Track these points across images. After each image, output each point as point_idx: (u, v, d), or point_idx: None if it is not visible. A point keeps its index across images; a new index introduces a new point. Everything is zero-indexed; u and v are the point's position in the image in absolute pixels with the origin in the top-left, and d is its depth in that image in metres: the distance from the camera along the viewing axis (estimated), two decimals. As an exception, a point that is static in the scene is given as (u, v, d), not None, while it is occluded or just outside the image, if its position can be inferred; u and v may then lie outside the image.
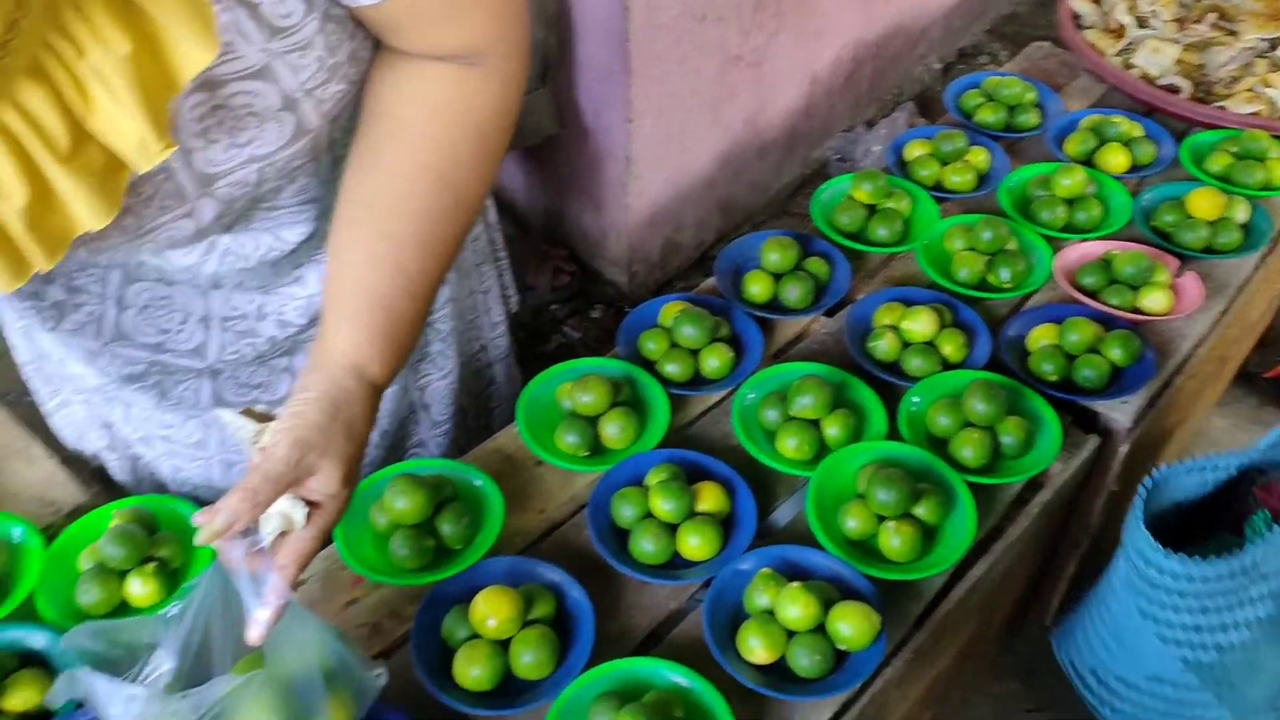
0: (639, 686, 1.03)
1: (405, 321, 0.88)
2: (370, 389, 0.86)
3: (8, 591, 1.15)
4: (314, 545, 0.84)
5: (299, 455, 0.81)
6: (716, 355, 1.39)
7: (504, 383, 1.63)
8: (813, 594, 1.06)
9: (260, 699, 0.84)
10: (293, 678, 0.86)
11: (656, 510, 1.18)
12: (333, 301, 0.87)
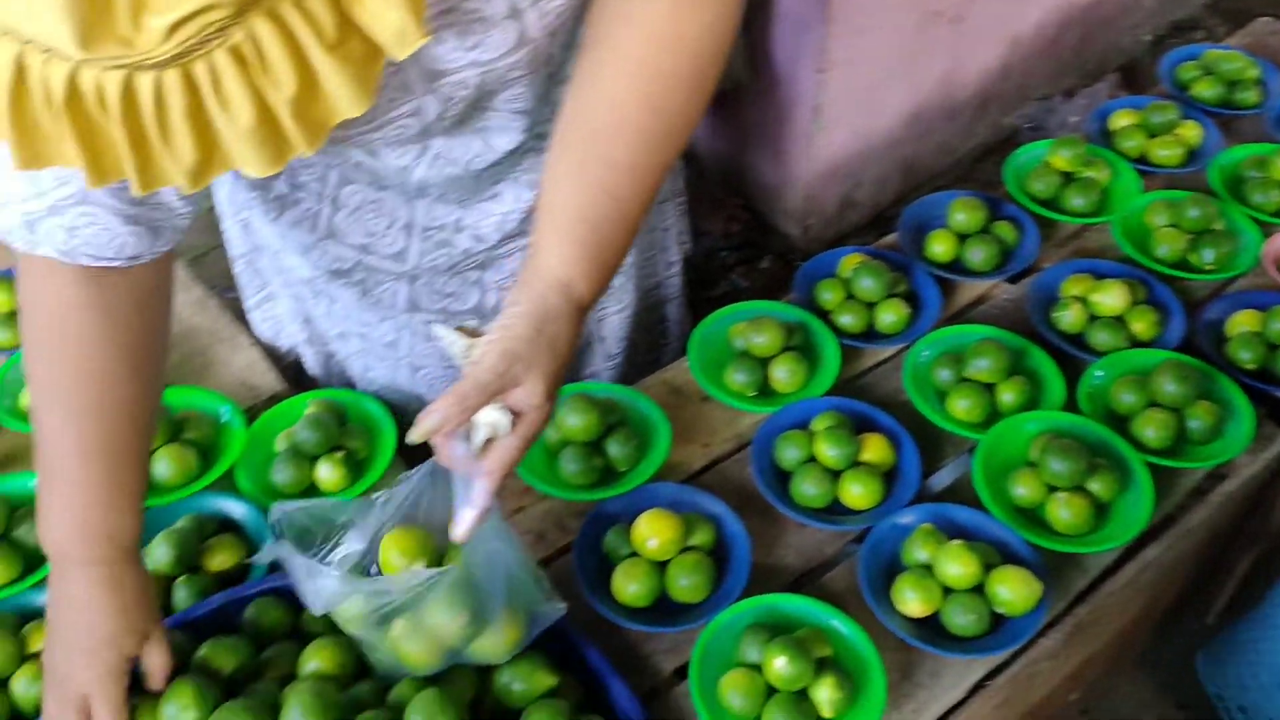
0: (789, 622, 1.05)
1: (612, 245, 0.91)
2: (576, 307, 0.89)
3: (212, 463, 1.25)
4: (517, 454, 0.87)
5: (506, 366, 0.84)
6: (893, 310, 1.38)
7: (674, 322, 1.65)
8: (974, 554, 1.05)
9: (451, 594, 0.90)
10: (479, 582, 0.91)
11: (821, 455, 1.19)
12: (545, 221, 0.91)
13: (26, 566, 1.14)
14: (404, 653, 0.93)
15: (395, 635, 0.92)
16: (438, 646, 0.92)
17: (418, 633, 0.91)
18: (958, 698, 1.04)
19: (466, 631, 0.91)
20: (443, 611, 0.90)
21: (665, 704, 1.04)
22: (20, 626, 1.08)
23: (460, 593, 0.90)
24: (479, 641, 0.93)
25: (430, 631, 0.91)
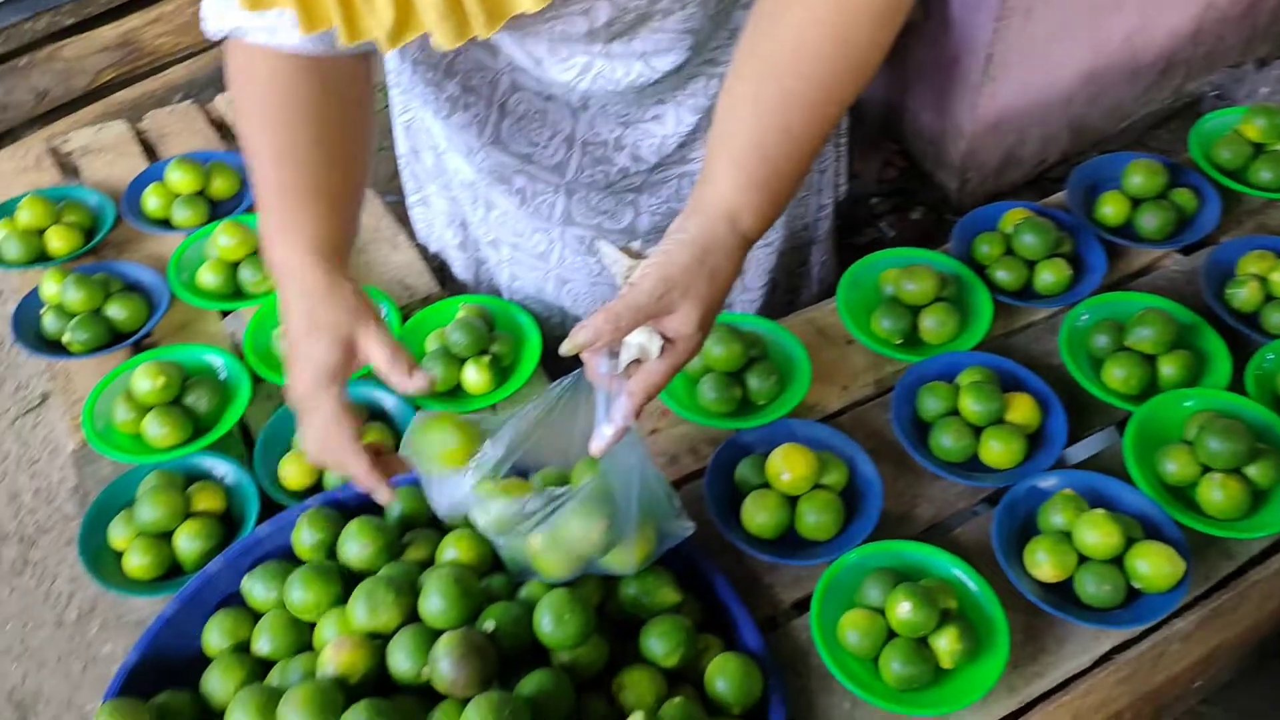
0: (915, 571, 1.05)
1: (783, 178, 0.90)
2: (741, 239, 0.89)
3: (367, 355, 1.31)
4: (663, 379, 0.88)
5: (663, 291, 0.84)
6: (1054, 270, 1.33)
7: (817, 265, 1.64)
8: (1116, 525, 1.03)
9: (588, 506, 0.92)
10: (614, 496, 0.93)
11: (964, 409, 1.17)
12: (718, 150, 0.90)
13: (195, 431, 1.22)
14: (539, 562, 0.96)
15: (532, 546, 0.95)
16: (572, 557, 0.95)
17: (554, 544, 0.94)
18: (1082, 667, 1.02)
19: (601, 543, 0.94)
20: (579, 523, 0.93)
21: (782, 634, 1.06)
22: (186, 486, 1.15)
23: (597, 505, 0.92)
24: (611, 554, 0.96)
25: (566, 542, 0.94)
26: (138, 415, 1.21)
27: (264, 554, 1.06)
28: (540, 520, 0.93)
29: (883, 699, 0.96)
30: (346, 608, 0.96)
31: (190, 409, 1.23)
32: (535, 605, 0.94)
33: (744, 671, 0.95)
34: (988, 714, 0.99)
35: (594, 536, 0.93)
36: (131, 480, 1.17)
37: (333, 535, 1.05)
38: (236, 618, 1.01)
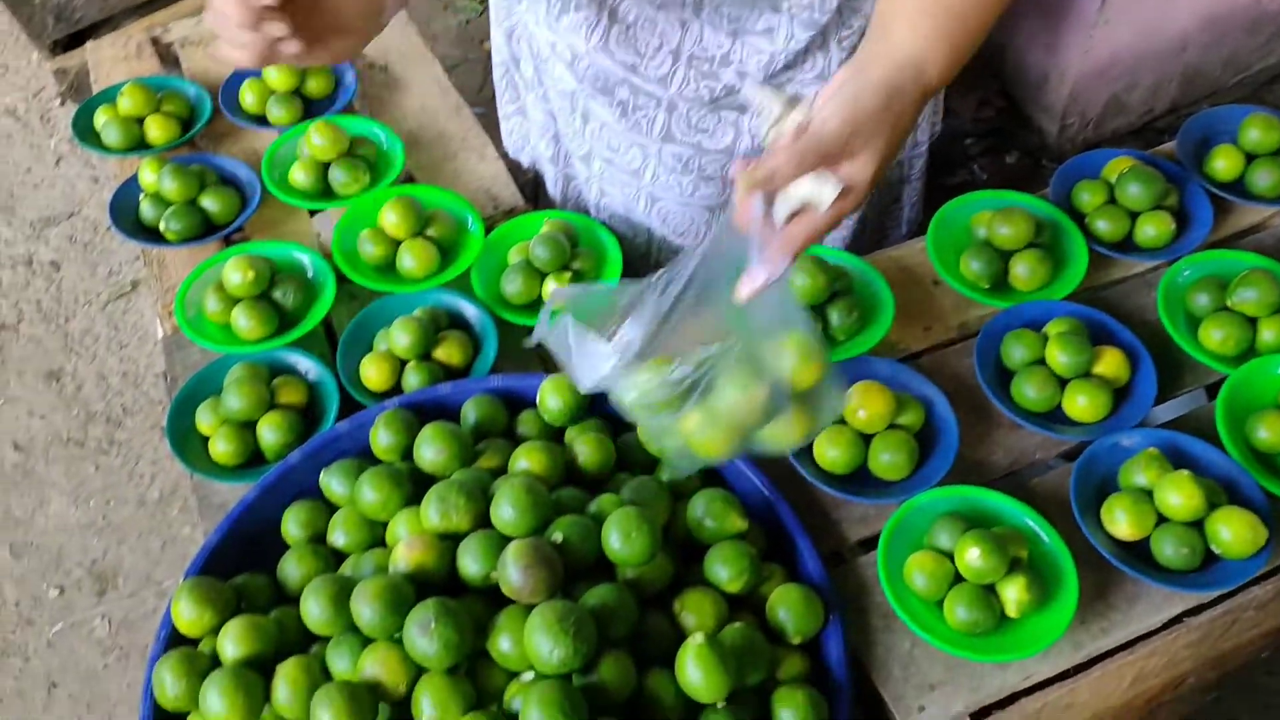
0: (986, 518, 1.04)
1: (970, 34, 0.85)
2: (923, 92, 0.85)
3: (451, 262, 1.32)
4: (825, 228, 0.83)
5: (849, 134, 0.80)
6: (1157, 223, 1.29)
7: (908, 206, 1.60)
8: (1200, 487, 1.00)
9: (742, 370, 0.87)
10: (767, 358, 0.87)
11: (1051, 359, 1.14)
12: (898, 3, 0.86)
13: (281, 326, 1.24)
14: (696, 443, 0.92)
15: (686, 426, 0.91)
16: (731, 430, 0.91)
17: (710, 418, 0.89)
18: (1151, 627, 1.01)
19: (762, 410, 0.89)
20: (736, 389, 0.88)
21: (846, 570, 1.06)
22: (271, 379, 1.18)
23: (752, 367, 0.87)
24: (771, 428, 0.92)
25: (723, 413, 0.89)
26: (227, 306, 1.23)
27: (342, 450, 1.09)
28: (691, 390, 0.88)
29: (944, 641, 0.96)
30: (420, 509, 0.98)
31: (277, 304, 1.25)
32: (604, 521, 0.95)
33: (805, 602, 0.95)
34: (1049, 666, 0.99)
35: (753, 402, 0.88)
36: (219, 369, 1.20)
37: (408, 438, 1.06)
38: (313, 509, 1.04)
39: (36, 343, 2.26)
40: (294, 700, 0.87)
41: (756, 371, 0.88)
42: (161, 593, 1.87)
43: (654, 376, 0.88)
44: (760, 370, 0.88)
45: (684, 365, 0.87)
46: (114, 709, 1.73)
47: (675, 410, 0.89)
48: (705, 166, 1.29)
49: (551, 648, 0.85)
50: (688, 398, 0.88)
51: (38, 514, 1.98)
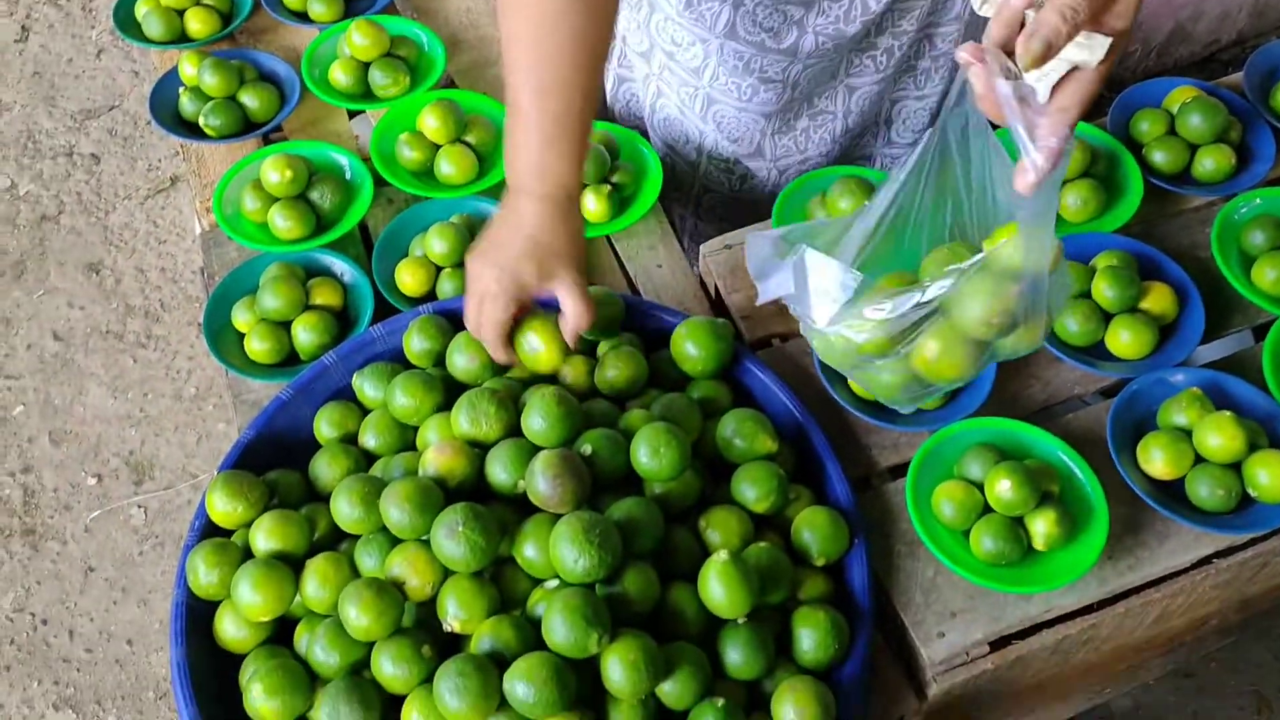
0: (1020, 450, 1.03)
1: None
2: None
3: (489, 169, 1.30)
4: (1098, 90, 0.74)
5: None
6: (1216, 156, 1.25)
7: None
8: (1241, 429, 0.99)
9: (987, 277, 0.83)
10: (1030, 254, 0.81)
11: (1097, 293, 1.12)
12: None
13: (318, 227, 1.24)
14: (935, 367, 0.89)
15: (926, 351, 0.87)
16: (978, 346, 0.87)
17: (954, 337, 0.86)
18: (1179, 567, 1.00)
19: (1015, 310, 0.83)
20: (982, 299, 0.83)
21: (874, 496, 1.05)
22: (307, 280, 1.18)
23: (996, 272, 0.82)
24: (1017, 332, 0.87)
25: (971, 328, 0.85)
26: (265, 205, 1.23)
27: (376, 354, 1.09)
28: (930, 315, 0.84)
29: (969, 571, 0.96)
30: (450, 415, 0.98)
31: (314, 205, 1.24)
32: (633, 436, 0.95)
33: (831, 525, 0.95)
34: (1072, 599, 0.99)
35: (1003, 305, 0.82)
36: (255, 268, 1.20)
37: (442, 344, 1.06)
38: (346, 411, 1.05)
39: (77, 235, 2.28)
40: (323, 594, 0.89)
41: (1003, 270, 0.82)
42: (196, 486, 1.90)
43: (896, 302, 0.84)
44: (1007, 267, 0.82)
45: (935, 283, 0.82)
46: (149, 595, 1.78)
47: (906, 342, 0.86)
48: (766, 69, 1.25)
49: (576, 557, 0.85)
50: (922, 322, 0.85)
51: (76, 403, 2.02)
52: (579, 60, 0.98)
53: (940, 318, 0.87)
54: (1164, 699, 1.59)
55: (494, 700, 0.82)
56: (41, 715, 1.65)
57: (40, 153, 2.43)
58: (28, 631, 1.74)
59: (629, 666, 0.82)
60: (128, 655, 1.71)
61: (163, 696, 1.67)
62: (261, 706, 0.85)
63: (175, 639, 0.91)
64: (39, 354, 2.08)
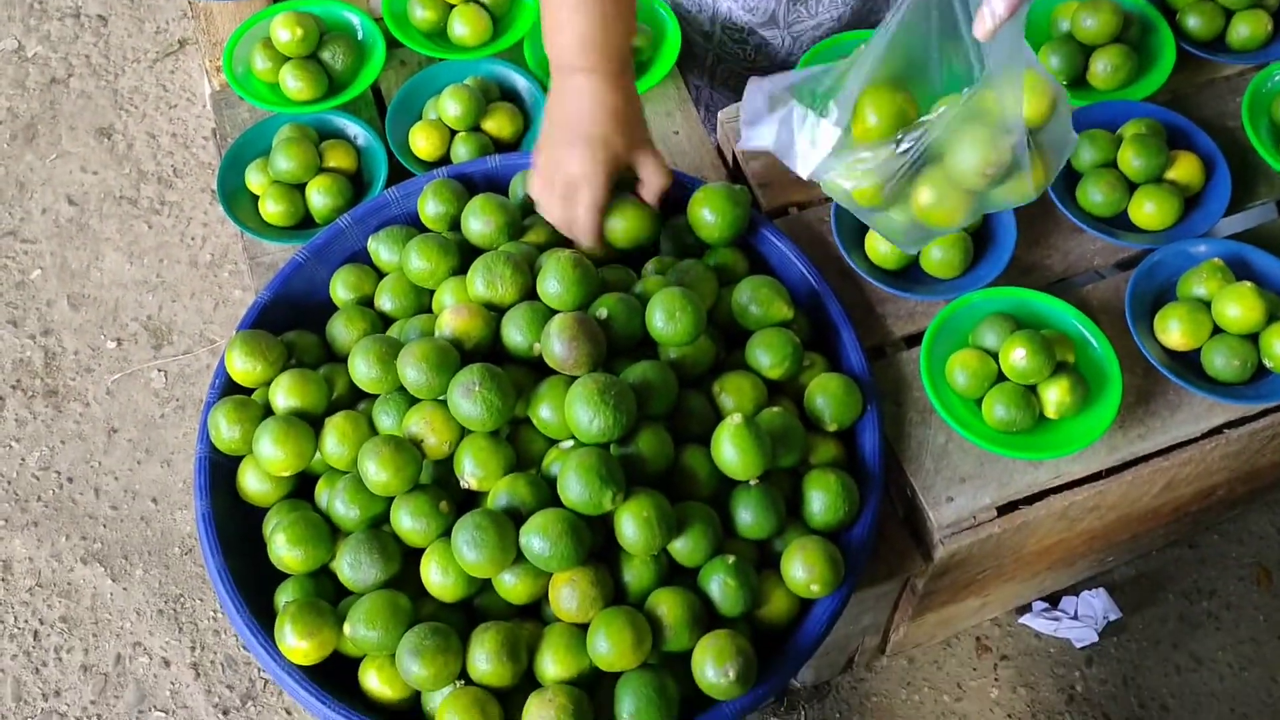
0: (1036, 320, 1.03)
1: None
2: None
3: (503, 31, 1.27)
4: None
5: None
6: (1252, 22, 1.20)
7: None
8: (1261, 300, 0.98)
9: (973, 123, 0.83)
10: (1003, 105, 0.82)
11: (1123, 162, 1.10)
12: None
13: (330, 88, 1.22)
14: (931, 213, 0.89)
15: (921, 197, 0.87)
16: (970, 194, 0.87)
17: (947, 184, 0.86)
18: (1189, 436, 1.01)
19: (1002, 162, 0.84)
20: (972, 147, 0.83)
21: (888, 364, 1.06)
22: (320, 142, 1.17)
23: (984, 120, 0.82)
24: (1008, 183, 0.87)
25: (962, 176, 0.85)
26: (276, 65, 1.21)
27: (391, 217, 1.08)
28: (919, 159, 0.84)
29: (980, 438, 0.97)
30: (466, 278, 0.98)
31: (326, 65, 1.22)
32: (649, 300, 0.95)
33: (844, 391, 0.96)
34: (1081, 467, 1.00)
35: (994, 155, 0.83)
36: (268, 129, 1.18)
37: (457, 208, 1.06)
38: (361, 274, 1.05)
39: (87, 98, 2.25)
40: (342, 450, 0.91)
41: (991, 120, 0.82)
42: (214, 350, 1.92)
43: (877, 152, 0.84)
44: (995, 118, 0.82)
45: (910, 133, 0.83)
46: (171, 456, 1.82)
47: (903, 187, 0.86)
48: None
49: (591, 417, 0.86)
50: (915, 165, 0.84)
51: (93, 268, 2.02)
52: None
53: (934, 165, 0.85)
54: (1166, 569, 1.62)
55: (510, 554, 0.84)
56: (70, 569, 1.70)
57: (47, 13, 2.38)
58: (54, 489, 1.78)
59: (642, 523, 0.84)
60: (153, 512, 1.75)
61: (188, 552, 1.73)
62: (285, 556, 0.88)
63: (200, 492, 0.93)
64: (54, 218, 2.07)
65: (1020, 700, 1.54)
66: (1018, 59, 0.80)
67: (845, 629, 1.21)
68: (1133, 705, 1.54)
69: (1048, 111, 0.85)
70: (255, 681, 1.62)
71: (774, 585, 0.89)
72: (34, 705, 1.61)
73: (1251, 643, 1.58)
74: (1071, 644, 1.57)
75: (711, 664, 0.83)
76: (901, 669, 1.56)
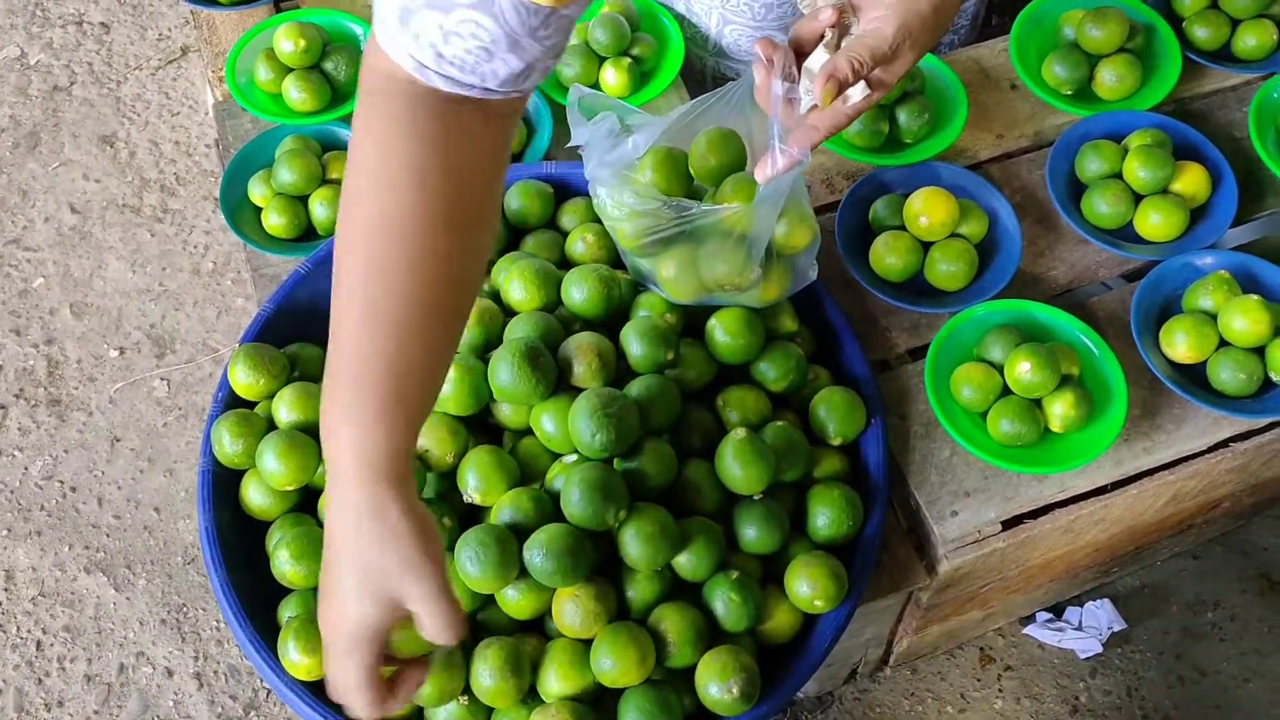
0: (1042, 333, 1.02)
1: None
2: None
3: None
4: (849, 122, 0.85)
5: (900, 40, 0.80)
6: (1259, 32, 1.20)
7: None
8: (1267, 313, 0.97)
9: (728, 239, 0.90)
10: (758, 231, 0.89)
11: (1128, 173, 1.09)
12: None
13: (333, 98, 1.22)
14: (665, 280, 0.95)
15: (664, 268, 0.94)
16: (700, 286, 0.95)
17: (685, 270, 0.93)
18: (1195, 449, 1.01)
19: (735, 280, 0.92)
20: (718, 254, 0.91)
21: (892, 377, 1.05)
22: (323, 153, 1.16)
23: (739, 236, 0.89)
24: (739, 294, 0.95)
25: (701, 271, 0.93)
26: (279, 76, 1.20)
27: (394, 228, 1.08)
28: (674, 233, 0.90)
29: (985, 452, 0.96)
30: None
31: (329, 76, 1.22)
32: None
33: (848, 405, 0.96)
34: (1086, 480, 0.99)
35: (731, 271, 0.91)
36: (270, 140, 1.18)
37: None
38: (364, 285, 1.05)
39: (90, 106, 2.25)
40: (345, 466, 0.90)
41: (743, 240, 0.89)
42: (218, 360, 1.92)
43: (645, 202, 0.89)
44: (746, 243, 0.90)
45: (683, 208, 0.88)
46: (174, 465, 1.82)
47: (655, 251, 0.92)
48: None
49: (594, 432, 0.86)
50: (669, 237, 0.90)
51: (95, 277, 2.02)
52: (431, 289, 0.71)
53: (686, 244, 0.91)
54: (1170, 580, 1.61)
55: (513, 569, 0.84)
56: (73, 578, 1.70)
57: (49, 21, 2.38)
58: (57, 498, 1.78)
59: (645, 539, 0.84)
60: (156, 522, 1.75)
61: (190, 561, 1.72)
62: (288, 571, 0.87)
63: (203, 505, 0.93)
64: (57, 227, 2.07)
65: (1024, 711, 1.54)
66: (778, 200, 0.87)
67: (848, 641, 1.20)
68: (1136, 716, 1.53)
69: (802, 245, 0.95)
70: (258, 692, 1.61)
71: (778, 600, 0.89)
72: (37, 715, 1.60)
73: (1256, 654, 1.57)
74: (1075, 655, 1.56)
75: (715, 680, 0.82)
76: (905, 680, 1.55)
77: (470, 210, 0.73)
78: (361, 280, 0.71)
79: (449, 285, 0.72)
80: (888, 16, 0.80)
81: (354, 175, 0.72)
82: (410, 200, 0.70)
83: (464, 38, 0.66)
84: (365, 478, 0.69)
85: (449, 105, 0.70)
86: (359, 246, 0.71)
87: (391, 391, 0.70)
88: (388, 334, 0.71)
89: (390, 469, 0.69)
